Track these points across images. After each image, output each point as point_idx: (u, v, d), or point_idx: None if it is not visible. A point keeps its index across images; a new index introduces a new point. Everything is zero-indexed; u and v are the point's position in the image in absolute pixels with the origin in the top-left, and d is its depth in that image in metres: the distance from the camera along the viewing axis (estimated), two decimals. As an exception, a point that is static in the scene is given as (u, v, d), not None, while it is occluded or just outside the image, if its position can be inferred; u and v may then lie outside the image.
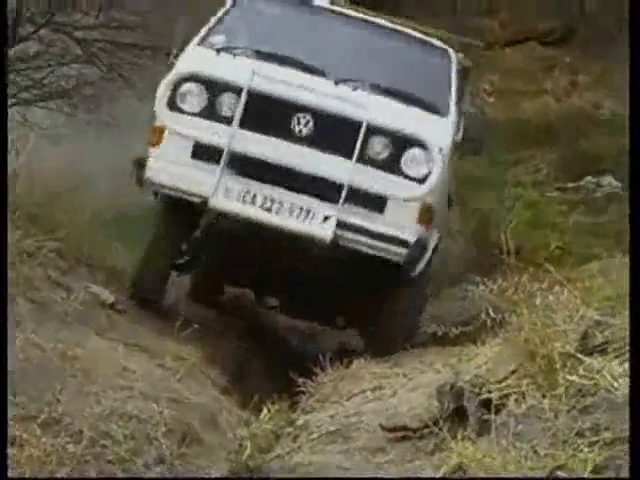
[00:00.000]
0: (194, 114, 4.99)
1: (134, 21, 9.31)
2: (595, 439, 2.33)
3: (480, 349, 3.68)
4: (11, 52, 8.21)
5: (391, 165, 4.98)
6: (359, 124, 4.93)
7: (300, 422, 3.76)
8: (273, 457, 3.32)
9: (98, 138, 8.96)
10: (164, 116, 4.97)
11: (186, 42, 5.50)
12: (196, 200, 4.95)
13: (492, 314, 3.56)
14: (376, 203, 4.97)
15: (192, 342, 4.68)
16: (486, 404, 2.70)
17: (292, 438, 3.57)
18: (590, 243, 5.70)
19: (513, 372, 2.77)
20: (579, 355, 2.62)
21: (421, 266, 5.09)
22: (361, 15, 5.99)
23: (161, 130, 5.03)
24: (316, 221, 4.90)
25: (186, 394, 3.81)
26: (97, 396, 3.40)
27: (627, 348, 2.69)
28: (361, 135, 4.92)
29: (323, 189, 4.93)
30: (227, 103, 5.01)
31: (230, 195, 4.89)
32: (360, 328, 6.06)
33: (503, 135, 6.46)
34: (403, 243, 4.97)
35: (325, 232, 4.88)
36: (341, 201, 4.89)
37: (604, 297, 3.16)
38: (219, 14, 5.70)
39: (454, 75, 5.75)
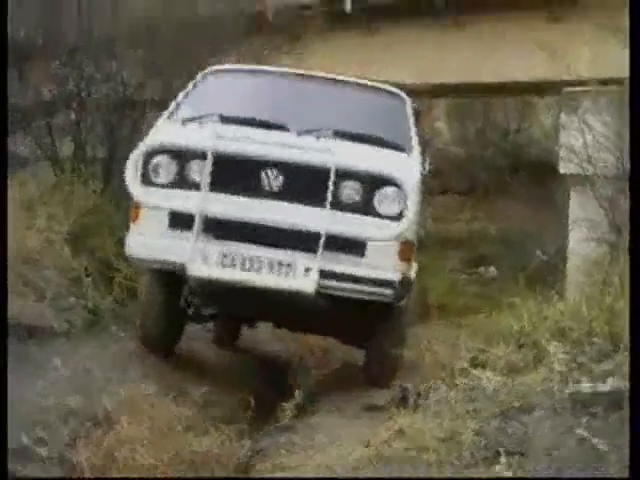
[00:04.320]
0: (166, 185, 4.94)
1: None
2: (474, 415, 3.62)
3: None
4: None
5: (365, 207, 4.90)
6: (327, 170, 4.83)
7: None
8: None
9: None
10: (137, 191, 4.93)
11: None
12: (175, 269, 4.88)
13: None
14: (356, 247, 4.88)
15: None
16: (418, 394, 4.21)
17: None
18: (480, 304, 7.81)
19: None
20: (469, 368, 4.26)
21: (407, 297, 5.13)
22: (317, 73, 6.10)
23: (137, 206, 4.98)
24: (298, 274, 4.76)
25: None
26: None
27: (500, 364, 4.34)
28: (331, 181, 4.81)
29: (301, 241, 4.83)
30: (195, 169, 4.92)
31: (208, 260, 4.78)
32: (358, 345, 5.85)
33: (436, 241, 8.81)
34: (389, 284, 4.89)
35: (308, 284, 4.75)
36: (320, 250, 4.78)
37: (487, 334, 4.95)
38: (186, 89, 5.75)
39: (410, 114, 5.80)
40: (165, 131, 5.29)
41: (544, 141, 13.54)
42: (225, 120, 5.22)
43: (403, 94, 6.01)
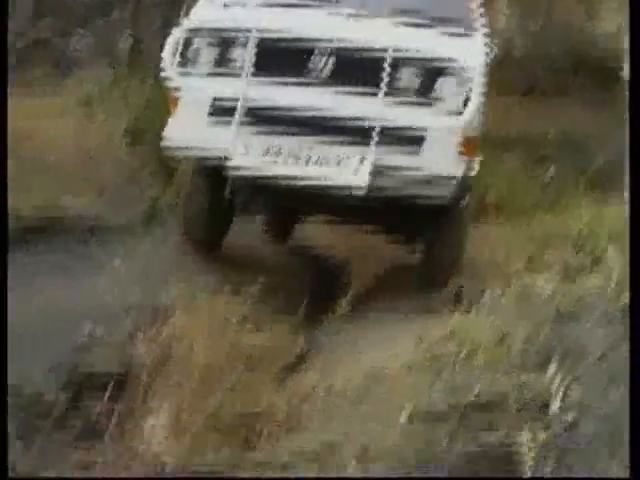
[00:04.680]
0: (206, 71, 4.66)
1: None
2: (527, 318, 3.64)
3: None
4: None
5: (424, 96, 4.52)
6: (383, 54, 4.47)
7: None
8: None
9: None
10: (176, 78, 4.64)
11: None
12: (215, 161, 4.64)
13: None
14: (413, 140, 4.50)
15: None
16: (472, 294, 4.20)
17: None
18: (539, 205, 7.76)
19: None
20: (524, 271, 4.21)
21: (466, 199, 4.82)
22: None
23: (176, 94, 4.69)
24: (349, 167, 4.44)
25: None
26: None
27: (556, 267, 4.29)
28: (387, 66, 4.46)
29: (353, 132, 4.49)
30: (238, 53, 4.62)
31: (251, 151, 4.48)
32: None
33: (494, 141, 8.32)
34: (447, 180, 4.55)
35: (360, 178, 4.42)
36: (373, 142, 4.42)
37: (544, 236, 4.90)
38: None
39: None
40: (205, 13, 4.94)
41: (609, 44, 13.04)
42: (271, 2, 4.91)
43: None
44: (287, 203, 5.42)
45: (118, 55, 8.90)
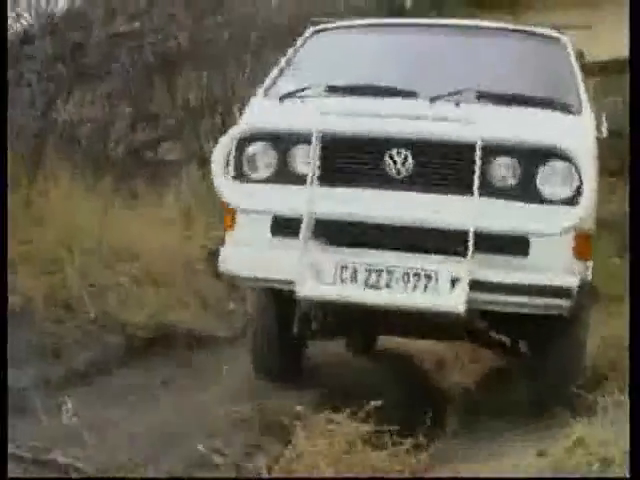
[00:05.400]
0: (265, 180, 4.02)
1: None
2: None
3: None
4: None
5: (526, 191, 3.81)
6: (472, 146, 3.71)
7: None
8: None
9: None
10: (230, 191, 3.87)
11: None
12: (282, 288, 3.94)
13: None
14: (516, 246, 3.78)
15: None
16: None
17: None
18: None
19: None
20: None
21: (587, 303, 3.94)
22: (448, 21, 4.97)
23: (231, 209, 4.04)
24: (441, 288, 3.68)
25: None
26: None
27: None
28: (477, 159, 3.69)
29: (442, 242, 3.78)
30: (300, 158, 3.96)
31: (322, 275, 3.77)
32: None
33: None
34: (564, 292, 3.76)
35: (456, 300, 3.62)
36: (469, 253, 3.63)
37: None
38: (286, 56, 4.69)
39: (575, 63, 4.56)
40: (260, 111, 4.27)
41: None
42: (334, 91, 4.21)
43: (563, 36, 4.76)
44: (367, 328, 4.87)
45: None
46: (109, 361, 4.92)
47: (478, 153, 3.70)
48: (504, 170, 3.86)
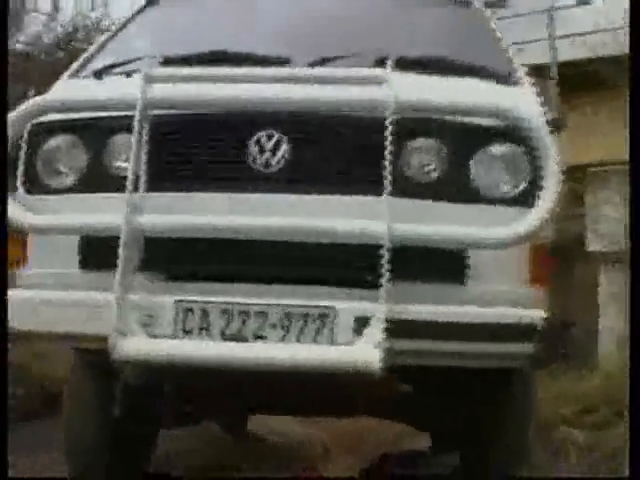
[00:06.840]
0: (71, 188, 2.71)
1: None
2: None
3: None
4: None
5: (457, 185, 2.57)
6: (379, 124, 2.43)
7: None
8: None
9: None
10: (16, 207, 2.55)
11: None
12: (91, 347, 2.63)
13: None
14: (449, 265, 2.52)
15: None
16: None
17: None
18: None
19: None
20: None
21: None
22: None
23: (22, 235, 2.75)
24: (342, 334, 2.42)
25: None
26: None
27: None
28: (388, 140, 2.40)
29: (341, 266, 2.50)
30: (120, 150, 2.66)
31: (156, 325, 2.48)
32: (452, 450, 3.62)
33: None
34: (524, 332, 2.48)
35: (365, 353, 2.31)
36: (383, 281, 2.34)
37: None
38: (112, 30, 3.52)
39: (496, 29, 3.39)
40: (63, 90, 2.91)
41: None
42: (172, 62, 2.76)
43: (475, 2, 3.69)
44: (230, 404, 3.47)
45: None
46: None
47: (389, 127, 2.40)
48: (427, 157, 2.59)
